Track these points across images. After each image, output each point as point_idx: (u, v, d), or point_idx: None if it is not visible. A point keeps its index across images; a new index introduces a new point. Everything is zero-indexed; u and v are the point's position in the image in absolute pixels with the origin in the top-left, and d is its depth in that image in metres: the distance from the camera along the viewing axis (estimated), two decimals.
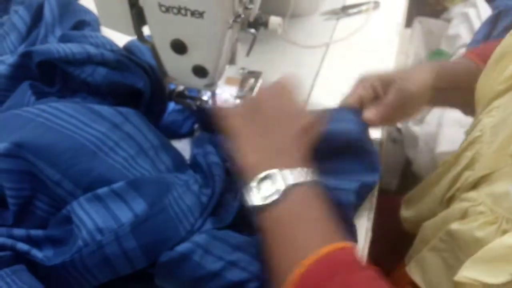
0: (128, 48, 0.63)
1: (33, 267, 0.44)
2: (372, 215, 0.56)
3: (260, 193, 0.43)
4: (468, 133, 0.57)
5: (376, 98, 0.57)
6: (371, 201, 0.57)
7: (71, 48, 0.56)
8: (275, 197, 0.42)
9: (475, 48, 0.66)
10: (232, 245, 0.45)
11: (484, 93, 0.54)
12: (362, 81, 0.59)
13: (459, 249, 0.48)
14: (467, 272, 0.42)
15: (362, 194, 0.53)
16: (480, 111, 0.55)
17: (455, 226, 0.48)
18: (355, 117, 0.55)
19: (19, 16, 0.73)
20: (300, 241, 0.41)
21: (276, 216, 0.42)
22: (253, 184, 0.43)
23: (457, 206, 0.51)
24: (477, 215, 0.47)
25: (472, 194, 0.49)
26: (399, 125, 1.22)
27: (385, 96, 0.57)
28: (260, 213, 0.43)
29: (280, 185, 0.42)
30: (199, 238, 0.45)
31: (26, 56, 0.57)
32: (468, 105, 0.62)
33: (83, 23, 0.76)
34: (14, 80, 0.58)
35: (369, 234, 0.54)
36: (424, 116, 1.11)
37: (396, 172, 1.24)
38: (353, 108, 0.56)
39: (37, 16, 0.73)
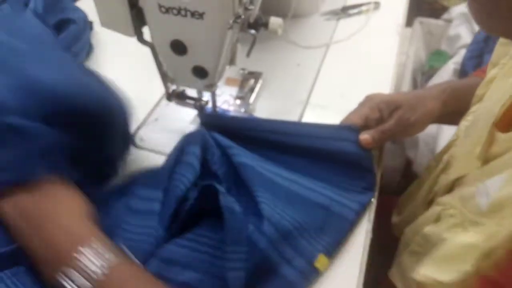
0: None
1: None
2: (372, 217, 0.56)
3: None
4: None
5: (381, 119, 0.58)
6: (372, 202, 0.57)
7: None
8: None
9: (484, 67, 0.67)
10: (182, 264, 0.45)
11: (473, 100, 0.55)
12: (369, 101, 0.59)
13: (431, 251, 0.48)
14: (423, 270, 0.42)
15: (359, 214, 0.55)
16: None
17: (428, 229, 0.49)
18: (357, 137, 0.56)
19: (3, 13, 0.73)
20: None
21: None
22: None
23: (432, 210, 0.52)
24: (448, 218, 0.47)
25: (446, 198, 0.50)
26: None
27: (386, 121, 0.58)
28: None
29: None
30: (150, 266, 0.45)
31: None
32: None
33: (68, 21, 0.76)
34: None
35: (369, 235, 0.54)
36: None
37: (397, 172, 1.24)
38: (355, 128, 0.57)
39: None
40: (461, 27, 1.31)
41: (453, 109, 0.61)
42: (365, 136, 0.56)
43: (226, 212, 0.45)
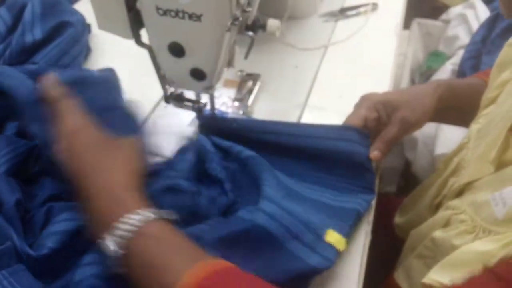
0: None
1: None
2: (371, 218, 0.56)
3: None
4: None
5: (379, 118, 0.58)
6: (371, 204, 0.57)
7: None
8: (115, 265, 0.41)
9: (487, 70, 0.67)
10: None
11: (482, 103, 0.55)
12: (365, 101, 0.59)
13: (441, 256, 0.48)
14: (433, 275, 0.42)
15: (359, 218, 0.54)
16: None
17: (437, 233, 0.49)
18: (362, 139, 0.56)
19: (0, 16, 0.73)
20: (157, 279, 0.39)
21: (130, 274, 0.41)
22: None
23: (441, 214, 0.51)
24: (458, 223, 0.47)
25: (456, 202, 0.50)
26: None
27: (388, 128, 0.58)
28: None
29: (111, 254, 0.40)
30: None
31: None
32: (466, 123, 0.64)
33: (66, 24, 0.76)
34: None
35: (369, 237, 0.54)
36: None
37: (396, 173, 1.24)
38: (359, 130, 0.57)
39: (19, 17, 0.73)
40: (459, 28, 1.31)
41: (448, 104, 0.61)
42: (375, 153, 0.56)
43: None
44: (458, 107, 0.62)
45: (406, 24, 1.30)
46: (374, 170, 0.56)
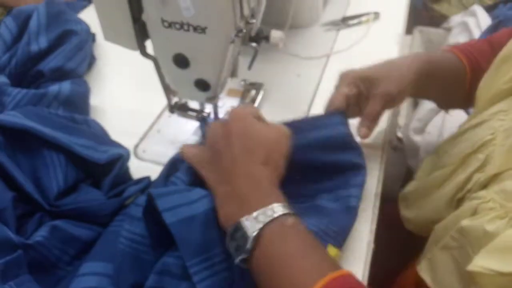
0: None
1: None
2: (374, 227, 0.56)
3: (235, 245, 0.42)
4: (462, 126, 0.58)
5: (359, 94, 0.59)
6: (374, 212, 0.57)
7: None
8: (248, 246, 0.41)
9: (461, 44, 0.67)
10: (178, 276, 0.44)
11: (486, 91, 0.55)
12: (345, 79, 0.60)
13: (469, 244, 0.48)
14: (481, 262, 0.42)
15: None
16: (481, 109, 0.56)
17: (465, 222, 0.49)
18: (341, 119, 0.56)
19: (5, 26, 0.74)
20: (291, 279, 0.39)
21: (258, 263, 0.41)
22: (228, 239, 0.43)
23: (467, 205, 0.51)
24: (487, 211, 0.47)
25: (481, 193, 0.50)
26: (399, 134, 1.22)
27: (371, 104, 0.58)
28: (245, 263, 0.42)
29: (249, 233, 0.41)
30: (148, 281, 0.45)
31: None
32: (443, 98, 0.68)
33: (71, 33, 0.77)
34: None
35: (371, 246, 0.54)
36: (425, 125, 1.12)
37: (397, 180, 1.24)
38: (338, 111, 0.57)
39: (24, 26, 0.74)
40: (460, 36, 1.31)
41: (427, 77, 0.61)
42: (363, 131, 0.57)
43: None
44: (437, 81, 0.63)
45: (408, 33, 1.31)
46: (358, 145, 0.56)
